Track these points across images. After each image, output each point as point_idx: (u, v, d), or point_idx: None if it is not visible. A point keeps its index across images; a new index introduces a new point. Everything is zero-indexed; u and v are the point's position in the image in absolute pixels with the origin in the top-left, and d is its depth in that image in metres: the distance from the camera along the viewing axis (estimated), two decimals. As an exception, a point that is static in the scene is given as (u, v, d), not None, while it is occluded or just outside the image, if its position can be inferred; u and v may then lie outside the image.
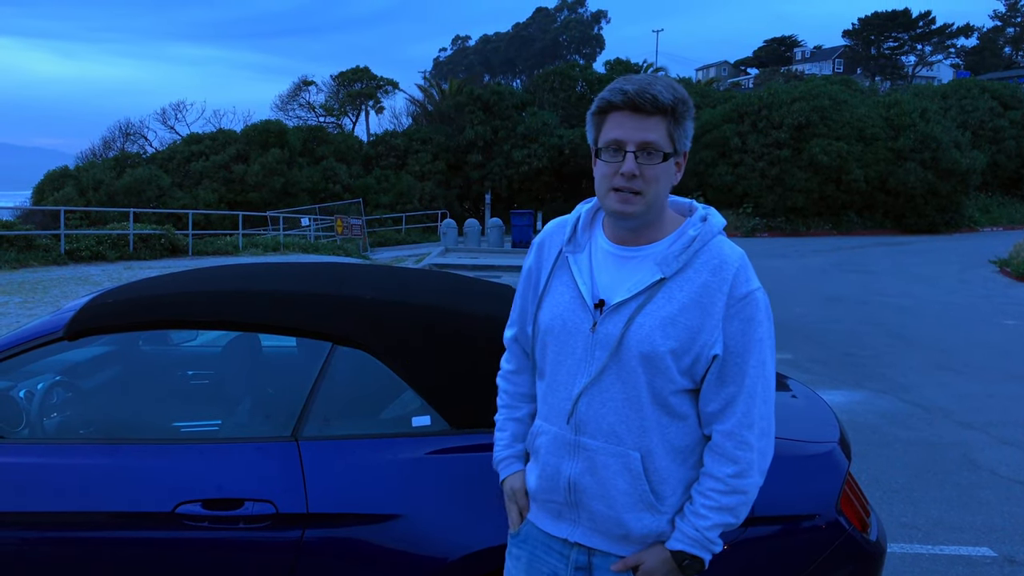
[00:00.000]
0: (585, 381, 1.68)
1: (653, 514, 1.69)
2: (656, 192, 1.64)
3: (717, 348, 1.64)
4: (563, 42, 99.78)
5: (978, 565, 4.02)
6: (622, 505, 1.68)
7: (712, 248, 1.69)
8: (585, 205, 1.84)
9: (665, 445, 1.68)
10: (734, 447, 1.66)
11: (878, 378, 8.14)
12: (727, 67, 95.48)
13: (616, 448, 1.67)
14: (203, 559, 2.33)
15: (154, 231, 17.91)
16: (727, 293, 1.64)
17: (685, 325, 1.63)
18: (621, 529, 1.70)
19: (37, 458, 2.49)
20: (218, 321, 2.64)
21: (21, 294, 11.37)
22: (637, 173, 1.61)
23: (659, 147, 1.61)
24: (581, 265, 1.73)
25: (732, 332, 1.64)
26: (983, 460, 5.60)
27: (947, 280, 17.58)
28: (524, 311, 1.89)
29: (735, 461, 1.66)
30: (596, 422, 1.68)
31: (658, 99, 1.59)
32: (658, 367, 1.63)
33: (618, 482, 1.68)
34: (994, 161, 39.26)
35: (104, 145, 39.99)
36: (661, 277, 1.65)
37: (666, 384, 1.65)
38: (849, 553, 2.34)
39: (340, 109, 43.96)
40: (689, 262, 1.66)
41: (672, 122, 1.62)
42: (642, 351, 1.62)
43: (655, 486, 1.69)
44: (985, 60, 79.59)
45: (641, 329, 1.63)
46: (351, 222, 27.65)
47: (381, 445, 2.39)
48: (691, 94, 1.69)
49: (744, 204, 35.06)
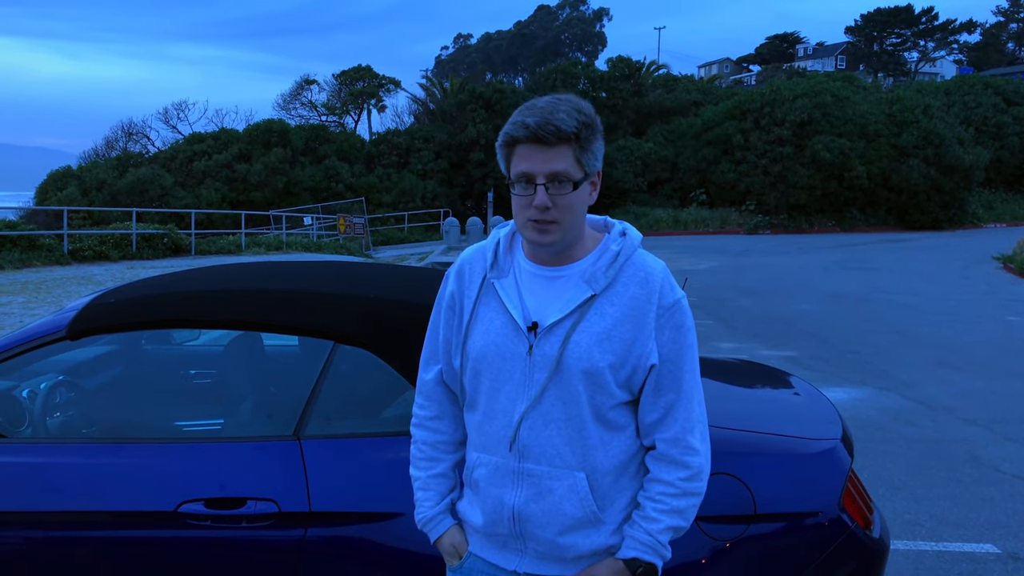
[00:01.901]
0: (526, 405, 1.66)
1: (599, 529, 1.70)
2: (572, 219, 1.64)
3: (653, 358, 1.66)
4: (565, 40, 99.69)
5: (982, 562, 4.02)
6: (569, 528, 1.68)
7: (636, 261, 1.70)
8: (502, 229, 1.82)
9: (608, 462, 1.69)
10: (680, 453, 1.68)
11: (881, 375, 8.13)
12: (729, 64, 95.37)
13: (561, 472, 1.66)
14: (206, 558, 2.33)
15: (157, 231, 17.94)
16: (656, 304, 1.66)
17: (620, 338, 1.64)
18: (570, 552, 1.70)
19: (40, 457, 2.50)
20: (220, 320, 2.65)
21: (24, 294, 11.39)
22: (550, 204, 1.61)
23: (568, 176, 1.61)
24: (508, 289, 1.72)
25: (664, 340, 1.67)
26: (987, 457, 5.59)
27: (950, 277, 17.55)
28: (448, 343, 1.82)
29: (686, 466, 1.68)
30: (540, 446, 1.67)
31: (560, 129, 1.58)
32: (598, 383, 1.64)
33: (565, 506, 1.67)
34: (997, 157, 39.19)
35: (107, 145, 40.05)
36: (592, 294, 1.66)
37: (606, 399, 1.66)
38: (852, 550, 2.33)
39: (342, 108, 43.97)
40: (616, 277, 1.68)
41: (578, 148, 1.61)
42: (582, 368, 1.63)
43: (600, 503, 1.69)
44: (988, 56, 79.43)
45: (578, 347, 1.63)
46: (354, 221, 27.67)
47: (383, 444, 2.39)
48: (693, 91, 1.70)
49: (747, 201, 35.04)
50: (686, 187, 37.25)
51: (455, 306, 1.80)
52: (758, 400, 3.11)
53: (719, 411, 2.62)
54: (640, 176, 37.29)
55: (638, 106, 40.60)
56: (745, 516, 2.26)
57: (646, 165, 37.72)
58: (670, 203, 36.96)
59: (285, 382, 3.03)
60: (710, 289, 15.04)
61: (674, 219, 34.84)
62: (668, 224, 34.18)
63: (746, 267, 19.93)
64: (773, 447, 2.44)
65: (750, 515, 2.26)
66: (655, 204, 36.76)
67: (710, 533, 2.24)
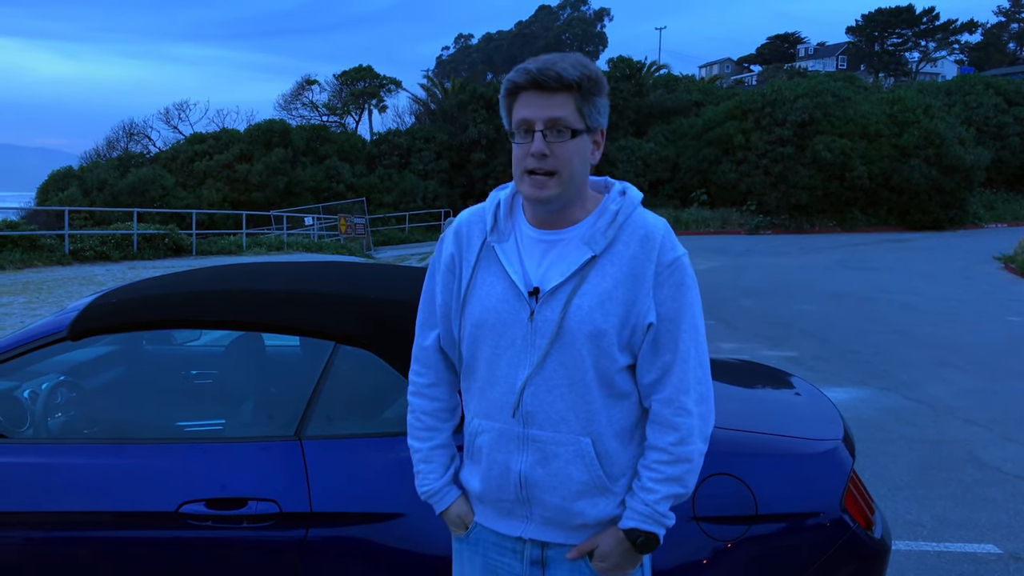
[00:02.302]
0: (528, 371, 1.64)
1: (608, 497, 1.68)
2: (571, 172, 1.61)
3: (651, 316, 1.63)
4: (566, 40, 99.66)
5: (983, 562, 4.01)
6: (577, 493, 1.66)
7: (636, 220, 1.68)
8: (502, 191, 1.79)
9: (612, 427, 1.67)
10: (672, 414, 1.64)
11: (882, 375, 8.13)
12: (730, 64, 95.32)
13: (566, 436, 1.65)
14: (207, 558, 2.33)
15: (158, 231, 17.95)
16: (655, 261, 1.63)
17: (621, 299, 1.62)
18: (577, 518, 1.68)
19: (41, 458, 2.50)
20: (221, 321, 2.65)
21: (26, 294, 11.39)
22: (547, 152, 1.59)
23: (567, 123, 1.59)
24: (509, 254, 1.69)
25: (662, 299, 1.63)
26: (988, 457, 5.58)
27: (951, 277, 17.53)
28: (447, 307, 1.78)
29: (676, 428, 1.64)
30: (544, 411, 1.65)
31: (562, 76, 1.57)
32: (601, 345, 1.61)
33: (571, 471, 1.65)
34: (998, 157, 39.13)
35: (108, 145, 40.05)
36: (592, 255, 1.63)
37: (610, 363, 1.63)
38: (853, 551, 2.33)
39: (343, 108, 43.98)
40: (616, 236, 1.65)
41: (580, 97, 1.60)
42: (585, 331, 1.61)
43: (608, 469, 1.67)
44: (990, 56, 79.36)
45: (580, 310, 1.61)
46: (355, 221, 27.68)
47: (384, 444, 2.39)
48: (694, 92, 1.69)
49: (748, 202, 35.01)
50: (687, 187, 37.24)
51: (455, 269, 1.77)
52: (759, 400, 3.11)
53: (720, 411, 2.61)
54: (641, 176, 37.26)
55: (639, 106, 40.59)
56: (746, 517, 2.26)
57: (647, 165, 37.71)
58: (671, 203, 36.95)
59: (286, 382, 3.03)
60: (711, 289, 15.03)
61: (675, 219, 34.80)
62: (669, 224, 34.15)
63: (747, 267, 19.92)
64: (774, 448, 2.44)
65: (751, 516, 2.26)
66: (656, 204, 36.73)
67: (711, 534, 2.24)
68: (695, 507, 2.25)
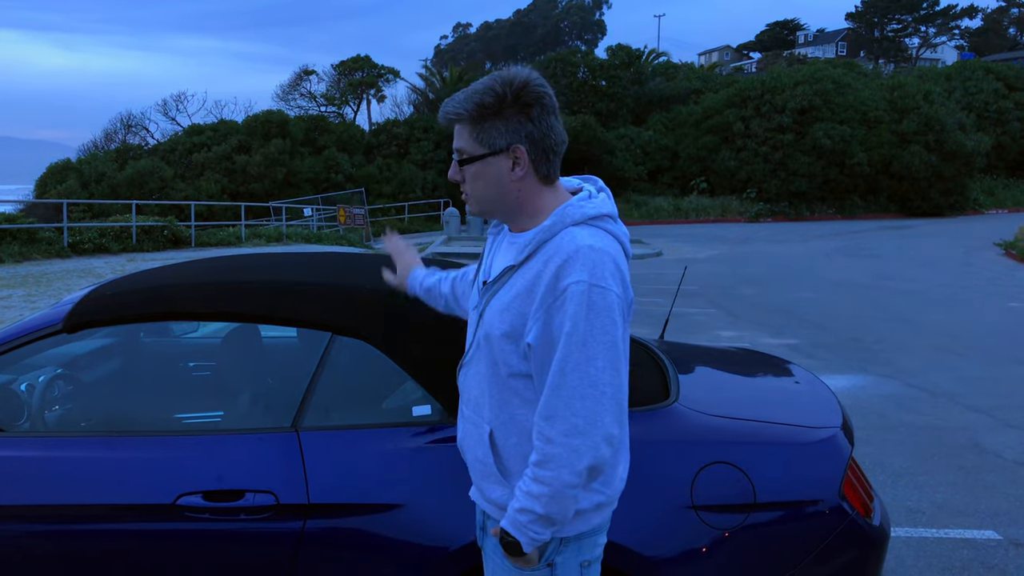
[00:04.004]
0: (467, 355, 1.84)
1: (502, 488, 1.76)
2: (481, 191, 1.75)
3: (530, 337, 1.65)
4: (564, 28, 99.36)
5: (983, 548, 4.01)
6: (479, 473, 1.81)
7: (557, 238, 1.66)
8: None
9: (515, 424, 1.74)
10: (536, 435, 1.64)
11: (883, 362, 8.12)
12: (729, 51, 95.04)
13: (476, 419, 1.80)
14: (204, 550, 2.33)
15: (157, 223, 17.91)
16: (547, 284, 1.62)
17: (517, 311, 1.67)
18: (486, 493, 1.81)
19: (38, 451, 2.49)
20: (218, 312, 2.63)
21: (25, 287, 11.38)
22: (458, 178, 1.77)
23: (464, 151, 1.73)
24: (487, 248, 1.90)
25: (542, 323, 1.62)
26: (988, 443, 5.58)
27: (952, 263, 17.53)
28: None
29: (536, 450, 1.64)
30: (468, 391, 1.84)
31: (452, 111, 1.71)
32: (495, 348, 1.72)
33: (476, 451, 1.81)
34: (999, 143, 39.10)
35: (106, 137, 39.92)
36: (511, 264, 1.73)
37: (508, 368, 1.71)
38: (852, 538, 2.33)
39: (341, 98, 43.82)
40: (535, 251, 1.68)
41: (472, 125, 1.70)
42: (485, 331, 1.74)
43: (504, 462, 1.76)
44: (990, 41, 79.12)
45: (490, 311, 1.73)
46: (354, 212, 27.64)
47: (382, 435, 2.38)
48: (693, 79, 1.67)
49: (747, 189, 34.98)
50: (687, 175, 37.18)
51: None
52: (758, 389, 3.10)
53: (719, 400, 2.61)
54: (640, 165, 37.22)
55: (638, 94, 40.48)
56: (745, 505, 2.26)
57: (646, 154, 37.64)
58: (671, 191, 36.91)
59: (283, 373, 3.03)
60: (711, 277, 15.02)
61: (675, 207, 34.79)
62: (669, 212, 34.14)
63: (747, 255, 19.91)
64: (773, 436, 2.44)
65: (750, 504, 2.26)
66: (656, 193, 36.71)
67: (710, 522, 2.24)
68: (693, 496, 2.25)
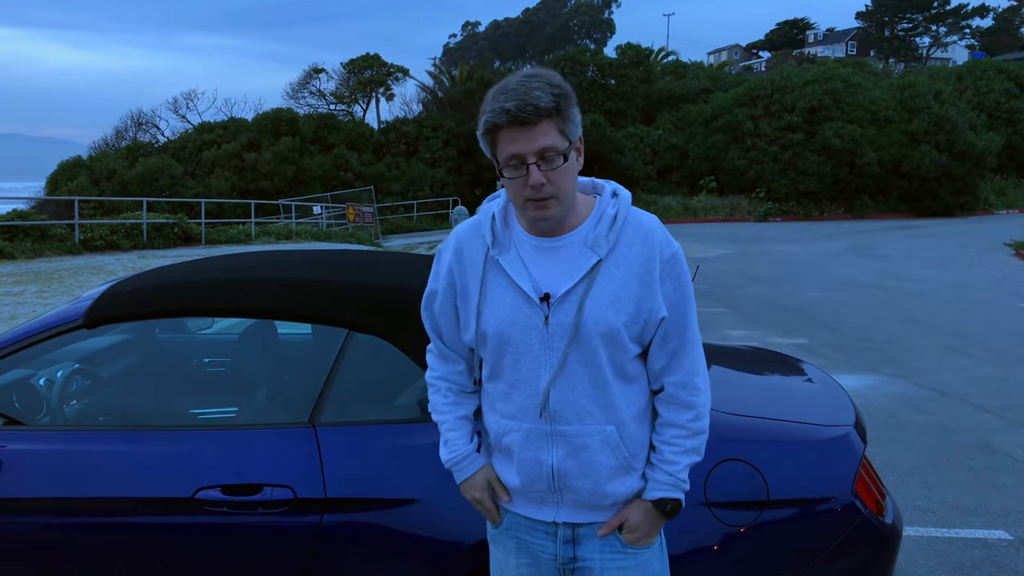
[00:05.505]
0: (550, 373, 1.73)
1: (632, 475, 1.80)
2: (568, 189, 1.70)
3: (664, 311, 1.74)
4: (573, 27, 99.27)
5: (994, 548, 4.02)
6: (606, 477, 1.77)
7: (633, 221, 1.76)
8: (493, 203, 1.83)
9: (630, 411, 1.78)
10: (689, 395, 1.79)
11: (893, 362, 8.11)
12: (739, 51, 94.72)
13: (593, 427, 1.75)
14: (222, 544, 2.36)
15: (167, 220, 18.00)
16: (657, 259, 1.73)
17: (629, 297, 1.71)
18: (609, 499, 1.79)
19: (57, 445, 2.52)
20: (235, 309, 2.66)
21: (37, 283, 11.46)
22: (544, 181, 1.65)
23: (556, 149, 1.64)
24: (514, 264, 1.75)
25: (668, 292, 1.75)
26: (999, 444, 5.58)
27: (962, 264, 17.46)
28: (467, 318, 1.82)
29: (692, 407, 1.79)
30: (570, 408, 1.74)
31: (539, 106, 1.60)
32: (615, 341, 1.72)
33: (600, 457, 1.76)
34: (1010, 143, 38.86)
35: (117, 135, 40.11)
36: (598, 259, 1.71)
37: (624, 355, 1.75)
38: (865, 536, 2.34)
39: (351, 96, 43.86)
40: (618, 239, 1.74)
41: (559, 119, 1.65)
42: (600, 331, 1.70)
43: (630, 450, 1.79)
44: (1001, 41, 78.65)
45: (594, 312, 1.70)
46: (363, 210, 27.70)
47: (398, 431, 2.41)
48: (703, 78, 1.70)
49: (757, 188, 34.87)
50: (696, 174, 37.09)
51: (454, 282, 1.83)
52: (771, 387, 3.11)
53: (732, 398, 2.62)
54: (649, 164, 37.15)
55: (647, 93, 40.40)
56: (758, 502, 2.27)
57: (655, 153, 37.57)
58: (680, 191, 36.83)
59: (300, 370, 3.05)
60: (721, 277, 15.00)
61: (684, 207, 34.72)
62: (678, 212, 34.07)
63: (756, 254, 19.87)
64: (786, 434, 2.45)
65: (763, 501, 2.27)
66: (665, 192, 36.63)
67: (723, 519, 2.25)
68: (707, 493, 2.26)
